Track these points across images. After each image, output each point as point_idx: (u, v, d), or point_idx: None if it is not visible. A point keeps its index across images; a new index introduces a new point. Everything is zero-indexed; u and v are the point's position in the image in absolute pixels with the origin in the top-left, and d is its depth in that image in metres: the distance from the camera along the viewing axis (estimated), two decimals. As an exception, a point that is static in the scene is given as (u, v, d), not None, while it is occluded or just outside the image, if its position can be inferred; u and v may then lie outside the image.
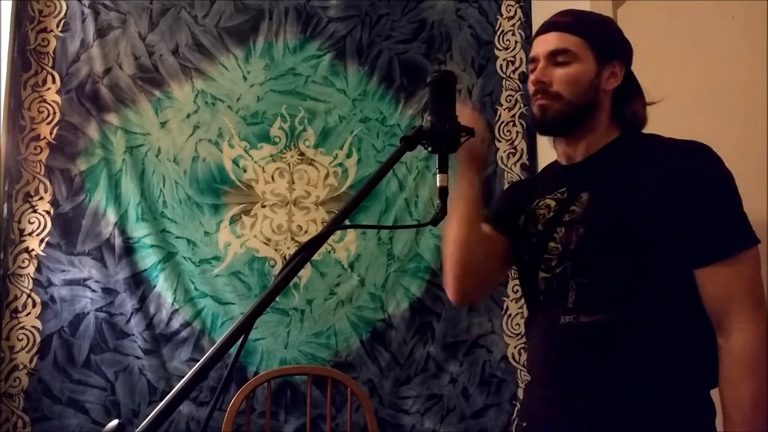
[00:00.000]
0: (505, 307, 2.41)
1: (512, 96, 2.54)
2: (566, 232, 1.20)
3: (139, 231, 2.35)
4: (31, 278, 2.29)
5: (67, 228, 2.33)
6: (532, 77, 1.25)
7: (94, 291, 2.31)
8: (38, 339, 2.26)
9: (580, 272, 1.17)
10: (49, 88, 2.40)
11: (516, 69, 2.55)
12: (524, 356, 2.36)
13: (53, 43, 2.42)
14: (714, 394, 1.13)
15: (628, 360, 1.12)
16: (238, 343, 0.72)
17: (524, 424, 1.28)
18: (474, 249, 1.29)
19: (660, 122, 1.26)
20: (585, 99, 1.21)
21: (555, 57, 1.22)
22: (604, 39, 1.24)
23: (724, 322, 1.09)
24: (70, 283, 2.31)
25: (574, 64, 1.21)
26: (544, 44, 1.24)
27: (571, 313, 1.16)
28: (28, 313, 2.27)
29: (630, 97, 1.26)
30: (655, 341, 1.11)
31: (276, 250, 2.39)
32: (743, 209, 1.13)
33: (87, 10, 2.44)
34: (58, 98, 2.39)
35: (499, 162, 2.49)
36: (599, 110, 1.24)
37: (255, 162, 2.43)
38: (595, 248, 1.16)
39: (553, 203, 1.25)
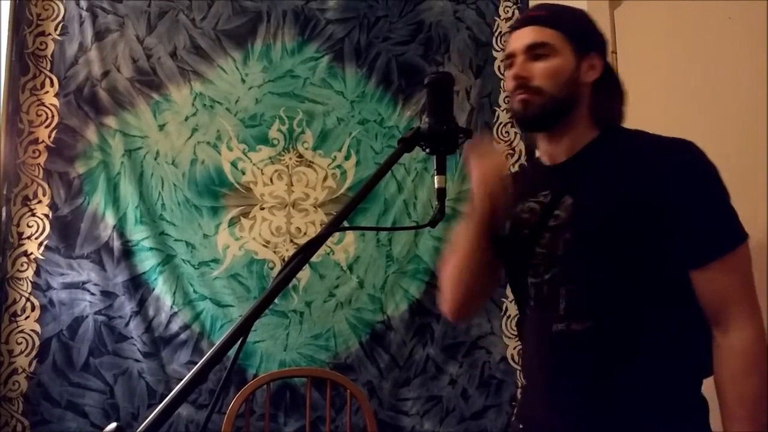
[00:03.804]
0: (504, 308, 2.41)
1: (510, 97, 2.54)
2: (552, 238, 1.18)
3: (138, 234, 2.34)
4: (30, 282, 2.29)
5: (66, 231, 2.33)
6: (510, 73, 1.22)
7: (93, 294, 2.30)
8: (37, 342, 2.26)
9: (569, 278, 1.16)
10: (47, 92, 2.40)
11: (514, 70, 2.55)
12: (523, 357, 2.37)
13: (51, 46, 2.42)
14: (709, 391, 1.13)
15: (621, 366, 1.11)
16: (237, 345, 0.72)
17: (521, 426, 1.28)
18: (475, 275, 1.31)
19: (656, 122, 1.26)
20: (566, 92, 1.19)
21: (533, 51, 1.20)
22: (580, 31, 1.23)
23: (722, 319, 1.09)
24: (68, 286, 2.30)
25: (553, 57, 1.19)
26: (521, 39, 1.22)
27: (563, 320, 1.15)
28: (27, 317, 2.27)
29: (609, 91, 1.24)
30: (647, 345, 1.11)
31: (275, 252, 2.39)
32: (731, 205, 1.11)
33: (85, 14, 2.43)
34: (56, 101, 2.39)
35: (498, 163, 2.49)
36: (580, 104, 1.22)
37: (253, 164, 2.43)
38: (583, 254, 1.15)
39: (537, 207, 1.23)
